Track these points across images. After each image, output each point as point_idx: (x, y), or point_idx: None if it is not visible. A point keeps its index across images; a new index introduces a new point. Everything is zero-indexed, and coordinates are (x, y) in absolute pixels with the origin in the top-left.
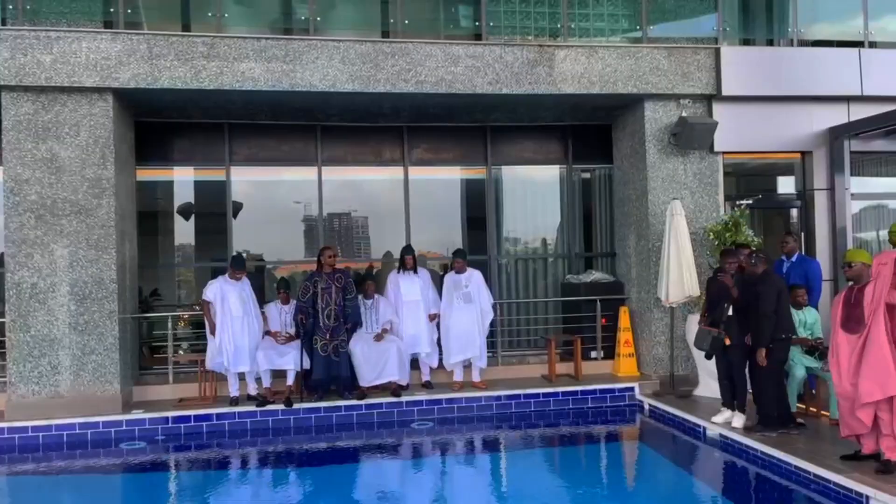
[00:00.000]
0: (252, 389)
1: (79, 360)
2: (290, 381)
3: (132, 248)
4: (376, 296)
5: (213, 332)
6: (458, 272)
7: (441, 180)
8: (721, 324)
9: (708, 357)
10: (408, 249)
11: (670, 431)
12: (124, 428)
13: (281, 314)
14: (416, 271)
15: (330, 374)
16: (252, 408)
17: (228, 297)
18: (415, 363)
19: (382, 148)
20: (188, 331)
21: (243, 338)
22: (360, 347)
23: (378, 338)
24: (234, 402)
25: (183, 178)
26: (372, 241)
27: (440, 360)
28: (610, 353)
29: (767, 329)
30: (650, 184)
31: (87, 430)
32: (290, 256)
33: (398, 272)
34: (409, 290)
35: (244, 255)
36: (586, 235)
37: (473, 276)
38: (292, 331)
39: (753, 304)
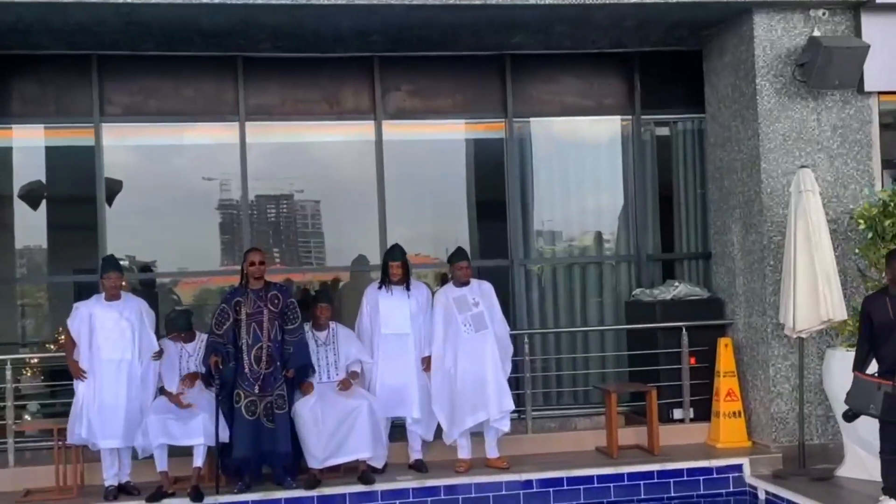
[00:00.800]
0: (125, 476)
1: None
2: (197, 461)
3: None
4: (333, 325)
5: (79, 376)
6: (460, 283)
7: (434, 143)
8: None
9: (848, 419)
10: (395, 253)
11: None
12: None
13: (182, 357)
14: (408, 287)
15: (261, 450)
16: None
17: (99, 329)
18: (398, 431)
19: (342, 92)
20: (39, 383)
21: (118, 394)
22: (310, 408)
23: (343, 386)
24: (111, 494)
25: (28, 143)
26: (327, 238)
27: (438, 428)
28: (704, 412)
29: None
30: (764, 143)
31: None
32: (198, 265)
33: (380, 288)
34: (393, 315)
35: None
36: (665, 227)
37: (483, 289)
38: (189, 393)
39: None
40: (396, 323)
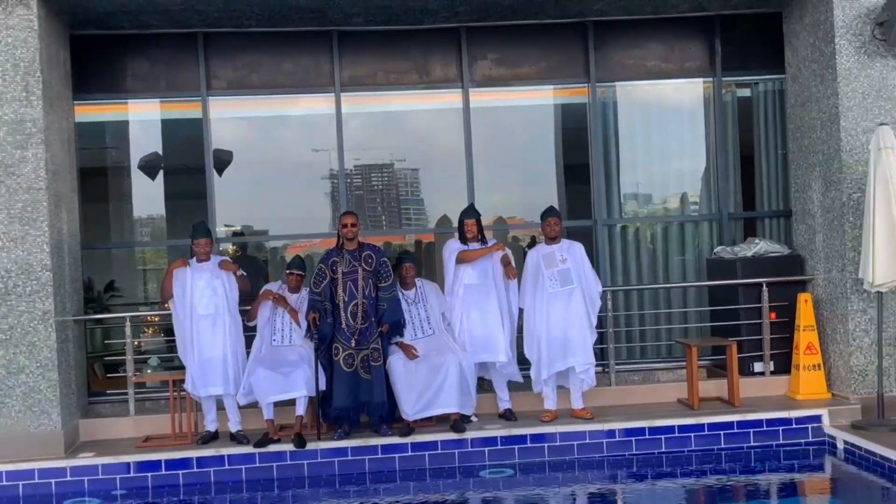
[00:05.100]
0: (234, 425)
1: (2, 382)
2: (300, 410)
3: (72, 220)
4: (419, 283)
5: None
6: (550, 240)
7: (519, 109)
8: None
9: None
10: (470, 212)
11: (879, 482)
12: (69, 478)
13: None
14: (483, 242)
15: (358, 400)
16: (249, 449)
17: (192, 288)
18: (488, 383)
19: (431, 61)
20: (160, 339)
21: (213, 346)
22: (404, 362)
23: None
24: (207, 438)
25: (145, 117)
26: (426, 202)
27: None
28: (783, 366)
29: None
30: (844, 102)
31: (16, 481)
32: (306, 228)
33: (459, 242)
34: (474, 267)
35: (234, 229)
36: (746, 186)
37: (574, 249)
38: (297, 337)
39: None
40: (478, 274)
